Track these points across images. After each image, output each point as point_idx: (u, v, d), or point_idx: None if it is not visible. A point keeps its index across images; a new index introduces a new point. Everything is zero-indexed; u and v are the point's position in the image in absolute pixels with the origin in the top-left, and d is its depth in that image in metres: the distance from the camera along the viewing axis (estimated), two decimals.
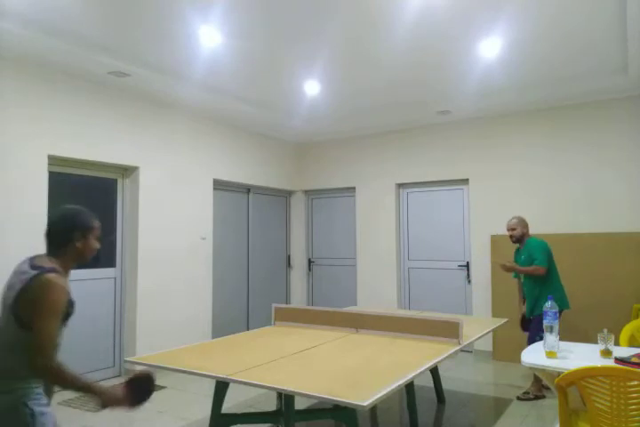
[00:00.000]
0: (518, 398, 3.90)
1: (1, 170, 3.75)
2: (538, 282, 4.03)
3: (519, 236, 4.14)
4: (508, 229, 4.18)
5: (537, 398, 3.95)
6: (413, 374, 2.30)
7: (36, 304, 1.63)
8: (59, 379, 1.63)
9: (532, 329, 4.00)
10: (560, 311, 3.94)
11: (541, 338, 3.93)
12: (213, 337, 5.46)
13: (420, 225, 6.16)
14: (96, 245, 1.87)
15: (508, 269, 4.05)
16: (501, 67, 4.21)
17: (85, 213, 1.85)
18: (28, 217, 3.89)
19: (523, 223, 4.16)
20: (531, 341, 3.98)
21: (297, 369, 2.41)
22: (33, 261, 1.74)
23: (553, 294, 4.00)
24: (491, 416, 3.62)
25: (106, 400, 1.67)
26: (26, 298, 1.64)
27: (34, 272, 1.68)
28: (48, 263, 1.73)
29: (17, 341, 1.66)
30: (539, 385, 4.01)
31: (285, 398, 2.57)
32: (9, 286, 1.71)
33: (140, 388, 1.76)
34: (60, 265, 1.78)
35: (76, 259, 1.84)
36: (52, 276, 1.67)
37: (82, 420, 3.55)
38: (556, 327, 2.69)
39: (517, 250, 4.28)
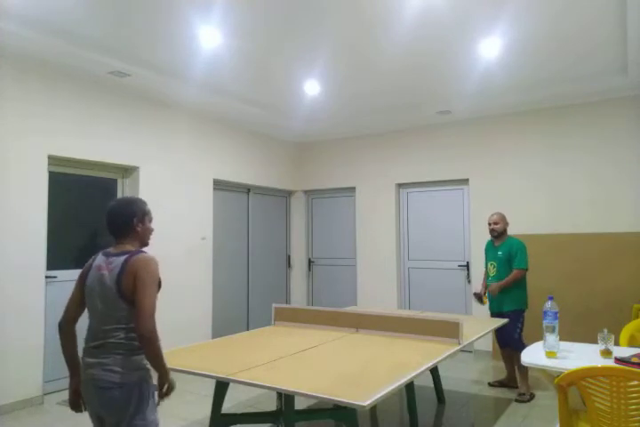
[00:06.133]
0: (517, 401, 3.90)
1: (1, 170, 3.75)
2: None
3: (501, 231, 4.23)
4: (491, 223, 4.26)
5: (533, 397, 3.96)
6: (413, 374, 2.30)
7: (139, 277, 1.81)
8: (155, 347, 1.78)
9: (510, 325, 4.03)
10: (523, 311, 4.13)
11: (520, 332, 4.03)
12: (213, 337, 5.45)
13: (419, 225, 6.16)
14: (151, 227, 2.05)
15: (498, 289, 4.10)
16: (502, 67, 4.21)
17: (138, 201, 2.02)
18: (28, 217, 3.89)
19: (504, 219, 4.28)
20: (510, 337, 4.05)
21: (297, 369, 2.41)
22: (109, 253, 1.92)
23: (522, 293, 4.14)
24: (491, 416, 3.62)
25: (170, 385, 1.87)
26: (128, 276, 1.82)
27: (124, 257, 1.87)
28: (129, 248, 1.93)
29: (128, 316, 1.83)
30: (527, 383, 4.01)
31: (285, 398, 2.57)
32: (98, 281, 1.88)
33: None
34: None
35: (140, 242, 2.00)
36: (142, 255, 1.88)
37: (82, 420, 3.55)
38: (557, 327, 2.69)
39: (491, 245, 4.34)
